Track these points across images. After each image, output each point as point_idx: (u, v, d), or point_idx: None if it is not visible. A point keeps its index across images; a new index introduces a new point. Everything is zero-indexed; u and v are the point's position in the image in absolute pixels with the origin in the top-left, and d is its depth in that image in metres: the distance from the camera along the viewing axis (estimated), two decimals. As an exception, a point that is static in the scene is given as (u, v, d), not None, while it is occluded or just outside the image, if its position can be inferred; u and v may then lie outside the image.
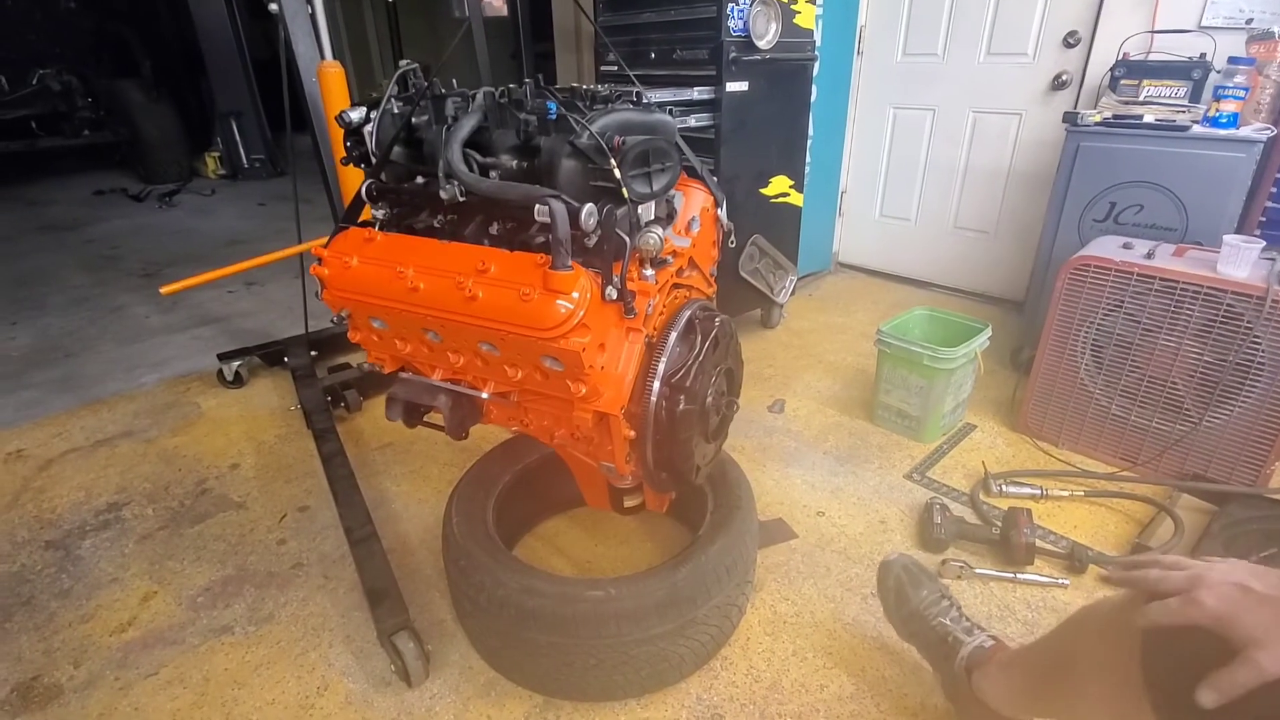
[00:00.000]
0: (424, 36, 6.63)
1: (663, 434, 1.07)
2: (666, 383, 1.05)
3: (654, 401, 1.04)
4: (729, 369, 1.21)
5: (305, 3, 1.76)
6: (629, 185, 0.95)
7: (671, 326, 1.07)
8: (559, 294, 0.88)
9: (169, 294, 1.98)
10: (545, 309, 0.88)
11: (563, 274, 0.88)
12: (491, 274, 0.93)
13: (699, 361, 1.06)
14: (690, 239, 1.14)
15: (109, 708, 1.24)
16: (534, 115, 0.98)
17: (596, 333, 0.93)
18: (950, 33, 2.87)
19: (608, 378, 0.99)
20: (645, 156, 0.97)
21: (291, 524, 1.70)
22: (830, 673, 1.28)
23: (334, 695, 1.25)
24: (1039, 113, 2.71)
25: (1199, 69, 2.06)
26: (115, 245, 4.16)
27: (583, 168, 0.97)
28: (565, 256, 0.88)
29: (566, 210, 0.88)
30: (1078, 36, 2.52)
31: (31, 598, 1.49)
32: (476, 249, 0.99)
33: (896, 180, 3.26)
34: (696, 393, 1.06)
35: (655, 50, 2.39)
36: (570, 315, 0.88)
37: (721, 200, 1.20)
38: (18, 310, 3.14)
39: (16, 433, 2.13)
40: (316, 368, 2.31)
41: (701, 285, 1.22)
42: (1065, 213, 2.17)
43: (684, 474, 1.15)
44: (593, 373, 0.94)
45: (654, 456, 1.10)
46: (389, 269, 0.99)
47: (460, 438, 1.14)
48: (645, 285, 1.02)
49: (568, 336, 0.89)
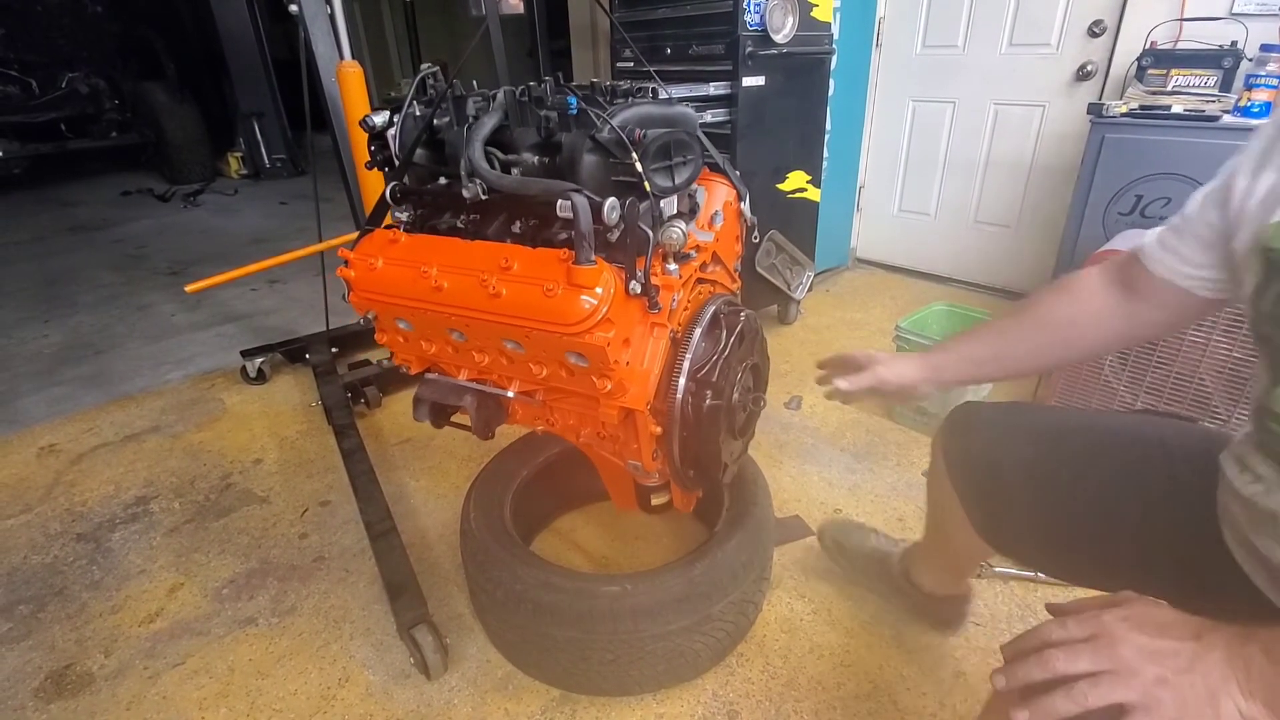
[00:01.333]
0: (442, 35, 6.67)
1: (689, 430, 1.06)
2: (692, 378, 1.04)
3: (680, 397, 1.04)
4: (755, 364, 1.20)
5: (324, 3, 1.78)
6: (651, 179, 0.95)
7: (696, 322, 1.06)
8: (582, 289, 0.87)
9: (194, 292, 2.02)
10: (569, 304, 0.88)
11: (586, 269, 0.87)
12: (514, 271, 0.93)
13: (724, 357, 1.05)
14: (714, 233, 1.14)
15: (138, 696, 1.27)
16: (554, 111, 0.97)
17: (620, 327, 0.92)
18: (971, 24, 2.82)
19: (632, 373, 0.98)
20: (667, 149, 0.97)
21: (313, 518, 1.73)
22: (847, 671, 1.27)
23: (354, 686, 1.27)
24: (1063, 104, 2.65)
25: (1230, 57, 2.00)
26: (142, 245, 4.25)
27: (604, 162, 0.96)
28: (588, 251, 0.87)
29: (589, 204, 0.87)
30: (1103, 25, 2.47)
31: (64, 588, 1.53)
32: (499, 246, 0.99)
33: (916, 174, 3.22)
34: (723, 388, 1.05)
35: (671, 45, 2.39)
36: (594, 310, 0.87)
37: (744, 194, 1.20)
38: (50, 309, 3.22)
39: (49, 428, 2.19)
40: (337, 364, 2.34)
41: (725, 280, 1.21)
42: (1090, 206, 2.12)
43: (711, 471, 1.14)
44: (617, 368, 0.94)
45: (680, 453, 1.09)
46: (413, 269, 1.00)
47: (487, 437, 1.14)
48: (669, 280, 1.01)
49: (592, 331, 0.89)
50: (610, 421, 1.01)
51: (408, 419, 2.16)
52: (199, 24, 5.85)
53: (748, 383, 1.18)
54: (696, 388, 1.04)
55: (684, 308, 1.07)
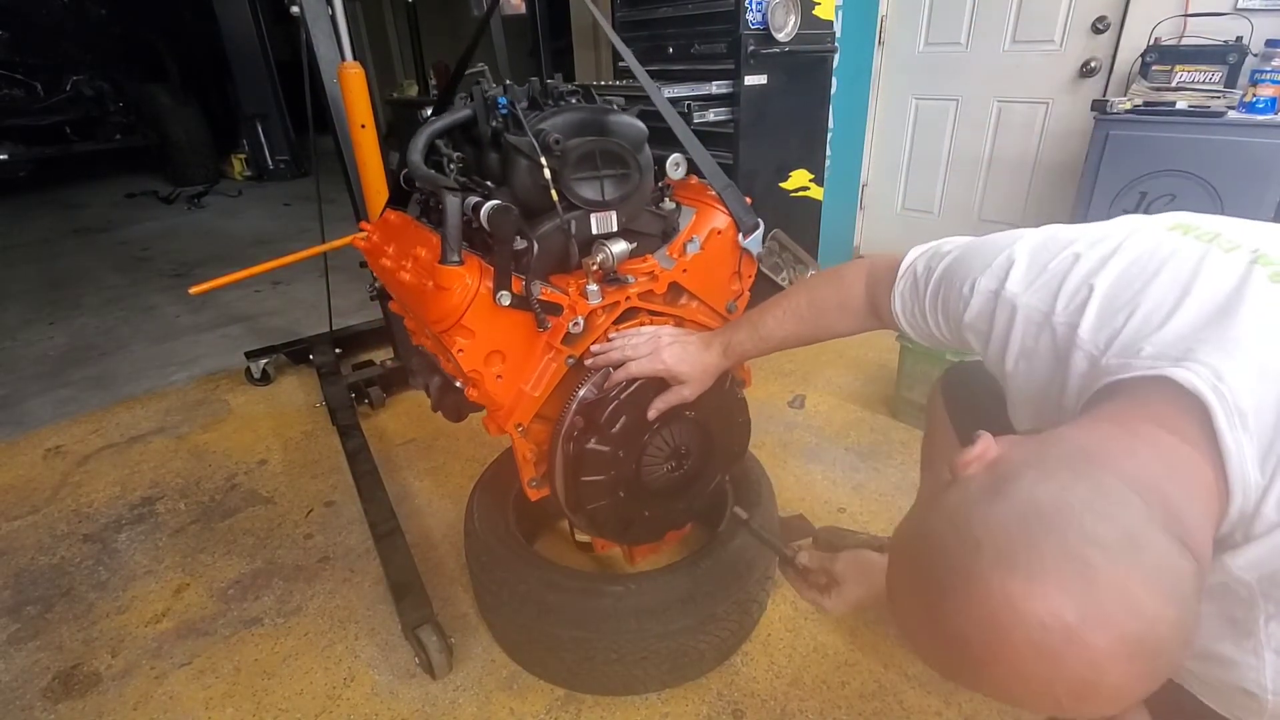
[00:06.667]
0: (444, 35, 6.68)
1: (569, 470, 0.99)
2: (581, 413, 0.97)
3: (564, 429, 0.96)
4: (701, 421, 1.07)
5: (326, 5, 1.78)
6: (570, 189, 0.90)
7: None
8: (440, 288, 0.86)
9: (198, 294, 2.02)
10: (435, 299, 0.86)
11: (445, 269, 0.84)
12: (420, 259, 0.93)
13: (624, 396, 0.95)
14: (680, 262, 1.04)
15: (145, 696, 1.28)
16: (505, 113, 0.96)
17: (484, 338, 0.89)
18: (974, 21, 2.81)
19: (506, 389, 0.94)
20: (592, 159, 0.91)
21: (318, 519, 1.74)
22: (852, 670, 1.27)
23: (360, 686, 1.27)
24: (1066, 101, 2.64)
25: (1235, 53, 1.99)
26: (146, 247, 4.27)
27: (531, 167, 0.91)
28: (451, 250, 0.84)
29: (458, 205, 0.85)
30: (1107, 22, 2.46)
31: (71, 589, 1.54)
32: (425, 235, 0.99)
33: (919, 172, 3.21)
34: (612, 432, 0.96)
35: (673, 45, 2.38)
36: (450, 311, 0.85)
37: (748, 225, 1.08)
38: (55, 311, 3.23)
39: (55, 429, 2.20)
40: (341, 365, 2.35)
41: (704, 319, 1.10)
42: (1094, 203, 2.12)
43: (601, 526, 1.06)
44: (477, 378, 0.91)
45: (564, 492, 1.02)
46: (381, 247, 1.04)
47: (453, 419, 1.12)
48: (574, 300, 0.94)
49: (449, 333, 0.87)
50: (491, 433, 1.00)
51: (412, 419, 2.16)
52: (202, 26, 5.85)
53: (684, 441, 1.06)
54: (585, 424, 0.96)
55: (602, 335, 0.99)
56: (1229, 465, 0.50)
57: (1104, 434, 0.53)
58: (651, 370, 0.97)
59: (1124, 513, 0.46)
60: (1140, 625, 0.43)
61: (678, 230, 1.07)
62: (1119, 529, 0.45)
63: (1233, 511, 0.51)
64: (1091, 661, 0.42)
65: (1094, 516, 0.45)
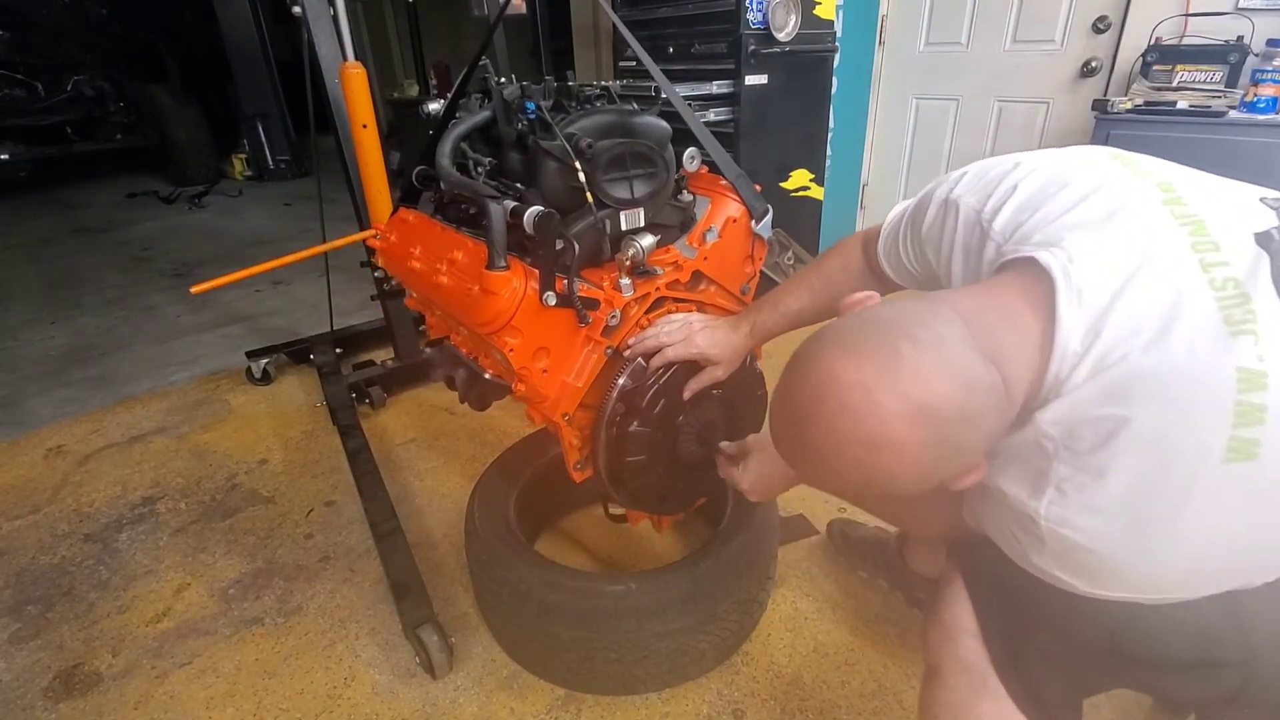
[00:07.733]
0: (445, 35, 6.68)
1: (613, 452, 1.05)
2: (623, 399, 1.02)
3: (607, 416, 1.02)
4: (726, 398, 1.14)
5: (327, 5, 1.78)
6: (602, 190, 0.94)
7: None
8: (489, 292, 0.89)
9: (199, 293, 2.02)
10: (482, 304, 0.89)
11: (493, 274, 0.88)
12: (458, 263, 0.95)
13: (663, 381, 1.03)
14: (700, 251, 1.09)
15: (146, 695, 1.28)
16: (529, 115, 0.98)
17: (531, 336, 0.93)
18: (974, 21, 2.81)
19: (551, 382, 0.98)
20: (622, 160, 0.94)
21: (318, 518, 1.74)
22: (852, 669, 1.27)
23: (361, 686, 1.27)
24: (1067, 101, 2.64)
25: (1236, 52, 1.99)
26: (147, 246, 4.27)
27: (562, 169, 0.94)
28: (498, 256, 0.88)
29: (502, 211, 0.88)
30: (1107, 21, 2.46)
31: (72, 588, 1.54)
32: (459, 238, 1.01)
33: (919, 172, 3.21)
34: (652, 415, 1.03)
35: (673, 45, 2.39)
36: (498, 314, 0.89)
37: (759, 212, 1.12)
38: (56, 310, 3.23)
39: (56, 429, 2.20)
40: (341, 365, 2.35)
41: (723, 302, 1.16)
42: (1094, 203, 2.12)
43: (640, 500, 1.12)
44: (526, 374, 0.95)
45: (607, 472, 1.08)
46: (405, 248, 1.05)
47: (479, 409, 1.17)
48: (609, 294, 0.99)
49: (499, 334, 0.90)
50: (537, 423, 1.04)
51: (412, 419, 2.16)
52: (202, 26, 5.86)
53: (713, 418, 1.13)
54: (625, 410, 1.02)
55: (636, 325, 1.04)
56: (1058, 330, 0.58)
57: (967, 292, 0.66)
58: (687, 354, 1.02)
59: (944, 327, 0.57)
60: (927, 397, 0.53)
61: (695, 220, 1.11)
62: (933, 332, 0.56)
63: (1050, 373, 0.59)
64: (881, 418, 0.53)
65: (917, 322, 0.57)
